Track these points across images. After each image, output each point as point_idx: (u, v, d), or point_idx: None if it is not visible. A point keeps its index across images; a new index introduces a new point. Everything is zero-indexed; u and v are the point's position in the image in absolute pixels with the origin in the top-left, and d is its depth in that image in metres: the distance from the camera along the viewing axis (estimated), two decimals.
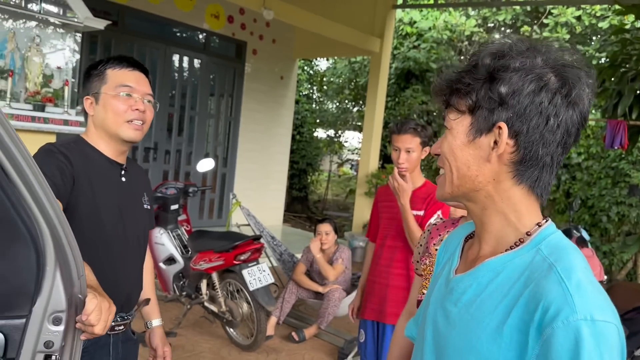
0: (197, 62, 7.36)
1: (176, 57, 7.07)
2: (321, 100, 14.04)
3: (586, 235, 4.91)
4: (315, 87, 14.03)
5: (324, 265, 4.23)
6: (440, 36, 10.31)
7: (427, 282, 1.78)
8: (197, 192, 4.58)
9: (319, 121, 13.25)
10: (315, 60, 13.52)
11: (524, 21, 10.73)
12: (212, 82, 7.59)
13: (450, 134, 0.88)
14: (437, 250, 1.76)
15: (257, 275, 3.76)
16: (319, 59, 13.51)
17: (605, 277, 4.74)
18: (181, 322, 4.13)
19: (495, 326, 0.79)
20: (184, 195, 4.44)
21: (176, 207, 4.32)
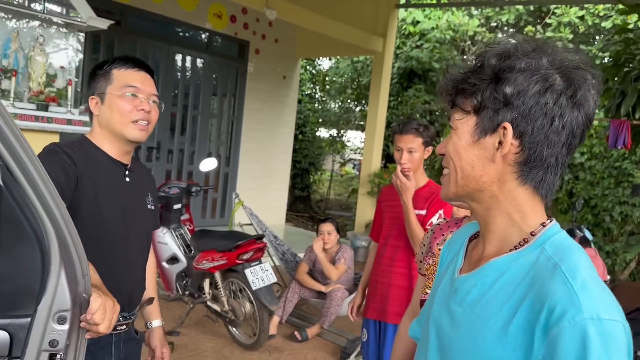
0: (200, 62, 7.37)
1: (179, 57, 7.07)
2: (324, 99, 14.04)
3: (589, 235, 4.91)
4: (317, 87, 14.03)
5: (327, 264, 4.23)
6: (443, 36, 10.30)
7: (431, 281, 1.78)
8: (199, 192, 4.58)
9: (321, 121, 13.25)
10: (317, 59, 13.53)
11: (527, 21, 10.72)
12: (214, 81, 7.59)
13: (455, 134, 0.88)
14: (440, 250, 1.76)
15: (260, 274, 3.76)
16: (321, 59, 13.52)
17: (608, 277, 4.73)
18: (184, 321, 4.13)
19: (500, 326, 0.79)
20: (186, 194, 4.45)
21: (179, 206, 4.33)
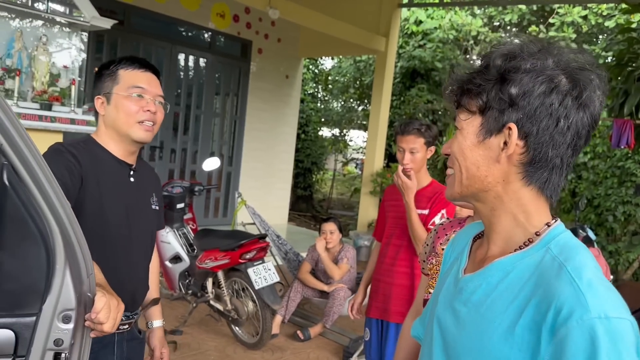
0: (203, 61, 7.38)
1: (182, 56, 7.08)
2: (326, 99, 14.03)
3: (592, 234, 4.89)
4: (320, 86, 14.03)
5: (329, 264, 4.23)
6: (445, 36, 10.28)
7: (434, 281, 1.78)
8: (202, 191, 4.59)
9: (324, 120, 13.25)
10: (320, 59, 13.52)
11: (530, 20, 10.70)
12: (217, 81, 7.60)
13: (460, 134, 0.88)
14: (443, 249, 1.76)
15: (263, 273, 3.77)
16: (324, 58, 13.51)
17: (611, 277, 4.72)
18: (187, 321, 4.14)
19: (507, 327, 0.79)
20: (189, 194, 4.46)
21: (182, 205, 4.33)
